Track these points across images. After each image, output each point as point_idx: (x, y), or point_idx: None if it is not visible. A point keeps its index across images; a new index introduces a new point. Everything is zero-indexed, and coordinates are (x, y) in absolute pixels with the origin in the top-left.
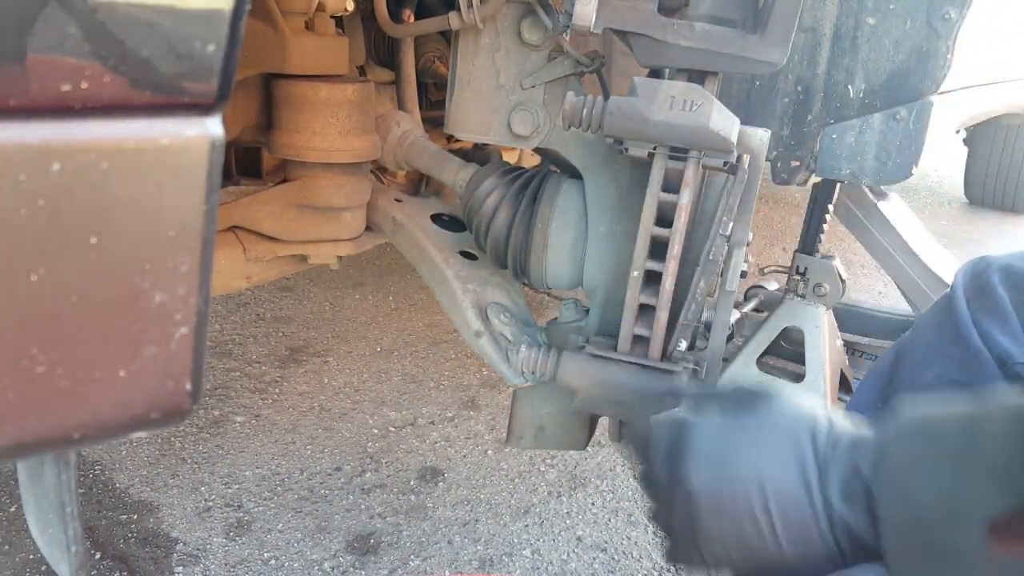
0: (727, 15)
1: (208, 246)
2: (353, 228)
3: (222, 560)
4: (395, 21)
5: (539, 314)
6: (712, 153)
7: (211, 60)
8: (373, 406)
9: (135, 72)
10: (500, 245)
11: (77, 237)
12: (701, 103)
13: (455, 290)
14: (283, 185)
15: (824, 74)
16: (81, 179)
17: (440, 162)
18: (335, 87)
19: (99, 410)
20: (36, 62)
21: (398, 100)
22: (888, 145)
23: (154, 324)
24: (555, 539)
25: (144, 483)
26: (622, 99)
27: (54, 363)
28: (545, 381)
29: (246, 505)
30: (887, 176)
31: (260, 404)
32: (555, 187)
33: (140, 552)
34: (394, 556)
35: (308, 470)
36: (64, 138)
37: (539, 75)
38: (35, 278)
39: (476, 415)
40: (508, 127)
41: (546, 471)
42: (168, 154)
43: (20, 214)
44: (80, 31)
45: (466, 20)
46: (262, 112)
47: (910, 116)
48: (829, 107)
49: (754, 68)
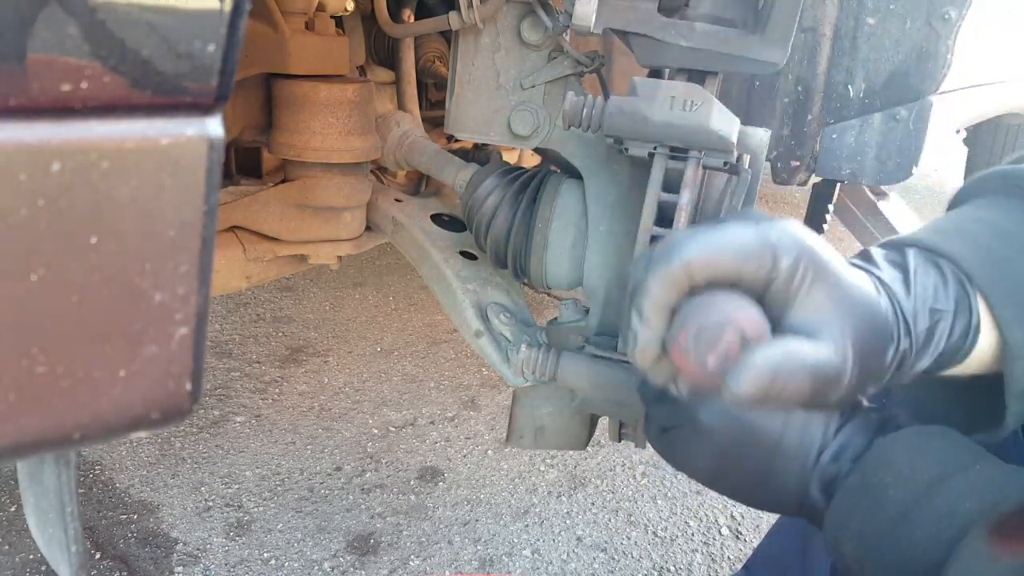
0: (727, 15)
1: (208, 246)
2: (353, 228)
3: (222, 560)
4: (395, 21)
5: (539, 314)
6: (712, 153)
7: (211, 60)
8: (373, 406)
9: (135, 72)
10: (500, 245)
11: (77, 237)
12: (701, 103)
13: (455, 290)
14: (283, 185)
15: (824, 74)
16: (81, 179)
17: (440, 162)
18: (335, 87)
19: (99, 410)
20: (36, 62)
21: (398, 100)
22: (888, 145)
23: (154, 324)
24: (555, 539)
25: (144, 483)
26: (622, 99)
27: (54, 363)
28: (545, 381)
29: (246, 505)
30: (887, 176)
31: (260, 404)
32: (555, 187)
33: (140, 552)
34: (394, 556)
35: (308, 470)
36: (64, 138)
37: (539, 75)
38: (35, 278)
39: (476, 415)
40: (508, 127)
41: (546, 471)
42: (168, 154)
43: (20, 214)
44: (80, 31)
45: (466, 20)
46: (262, 112)
47: (910, 116)
48: (829, 107)
49: (754, 68)
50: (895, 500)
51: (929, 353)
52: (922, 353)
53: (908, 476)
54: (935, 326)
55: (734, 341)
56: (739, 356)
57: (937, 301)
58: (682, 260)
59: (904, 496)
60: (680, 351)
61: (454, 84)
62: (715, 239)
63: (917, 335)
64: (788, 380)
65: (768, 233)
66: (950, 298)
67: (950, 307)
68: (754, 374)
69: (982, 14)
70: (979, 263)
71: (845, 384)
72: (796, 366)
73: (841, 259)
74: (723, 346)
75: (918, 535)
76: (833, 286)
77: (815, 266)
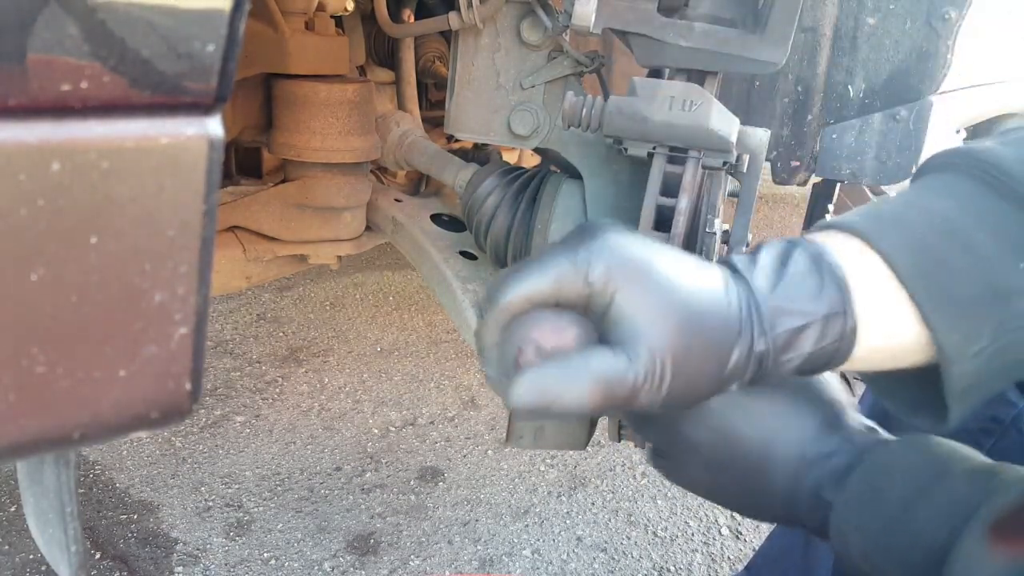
0: (727, 15)
1: (208, 246)
2: (353, 228)
3: (222, 560)
4: (395, 21)
5: None
6: (712, 153)
7: (211, 60)
8: (373, 406)
9: (135, 72)
10: (500, 245)
11: (77, 237)
12: (701, 103)
13: (455, 290)
14: (283, 185)
15: (824, 74)
16: (81, 179)
17: (440, 162)
18: (335, 87)
19: (99, 410)
20: (36, 62)
21: (398, 100)
22: (888, 145)
23: (154, 324)
24: (555, 539)
25: (144, 483)
26: (622, 99)
27: (54, 363)
28: None
29: (246, 505)
30: (887, 176)
31: (260, 404)
32: (555, 187)
33: (140, 552)
34: (394, 556)
35: (308, 470)
36: (64, 138)
37: (539, 75)
38: (35, 278)
39: (476, 415)
40: (508, 127)
41: (546, 471)
42: (168, 154)
43: (20, 214)
44: (80, 31)
45: (466, 20)
46: (262, 112)
47: (910, 116)
48: (829, 107)
49: (754, 68)
50: (897, 495)
51: (796, 355)
52: (785, 354)
53: (908, 474)
54: (802, 329)
55: (530, 355)
56: None
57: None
58: (499, 304)
59: (905, 491)
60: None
61: (454, 84)
62: (529, 273)
63: (775, 336)
64: (564, 390)
65: (577, 252)
66: (824, 300)
67: (821, 310)
68: (525, 386)
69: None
70: (912, 263)
71: (644, 389)
72: (574, 375)
73: (676, 261)
74: (519, 361)
75: (920, 523)
76: (646, 290)
77: (628, 273)
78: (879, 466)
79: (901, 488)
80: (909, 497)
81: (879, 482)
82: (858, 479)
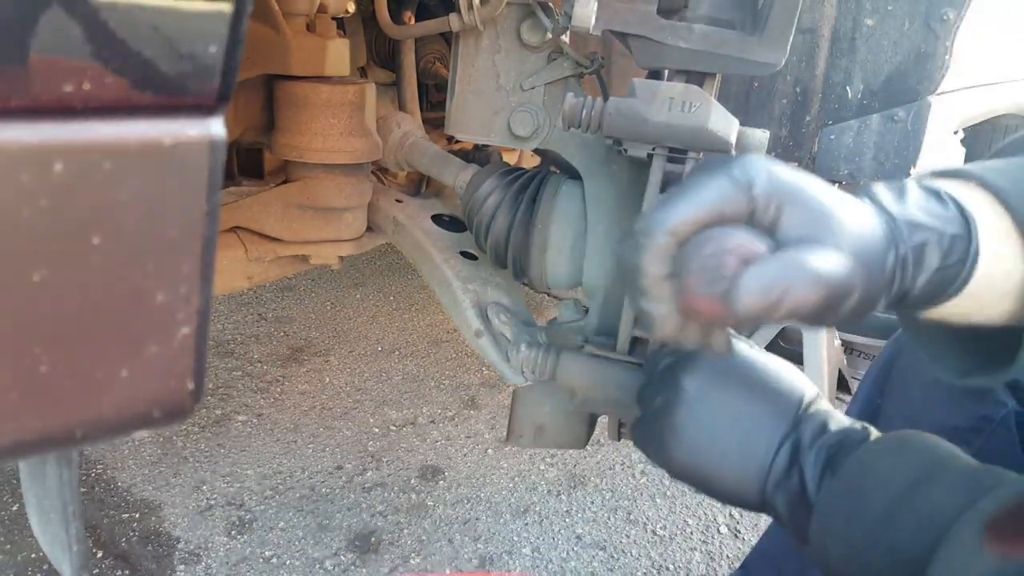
0: (726, 16)
1: (210, 246)
2: (354, 228)
3: (224, 558)
4: (396, 23)
5: (539, 314)
6: (711, 154)
7: (213, 61)
8: (374, 405)
9: (137, 73)
10: (500, 245)
11: (79, 237)
12: (700, 104)
13: (455, 290)
14: (284, 186)
15: (822, 75)
16: (83, 179)
17: (441, 163)
18: (336, 88)
19: (101, 409)
20: (39, 63)
21: (399, 101)
22: (886, 146)
23: (156, 324)
24: (555, 537)
25: (146, 482)
26: (621, 100)
27: (57, 363)
28: (545, 380)
29: (248, 504)
30: (885, 176)
31: (262, 403)
32: (555, 188)
33: (142, 551)
34: (395, 554)
35: (309, 469)
36: (66, 139)
37: (539, 76)
38: (38, 278)
39: (476, 414)
40: (508, 128)
41: (546, 470)
42: (170, 155)
43: (23, 214)
44: (82, 32)
45: (466, 22)
46: (264, 113)
47: (908, 117)
48: (827, 108)
49: (753, 69)
50: (878, 502)
51: (924, 271)
52: (917, 269)
53: (889, 479)
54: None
55: (735, 264)
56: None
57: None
58: (665, 231)
59: (886, 498)
60: (691, 297)
61: (454, 85)
62: (688, 198)
63: (913, 246)
64: (789, 288)
65: (732, 170)
66: (950, 221)
67: (948, 229)
68: (752, 285)
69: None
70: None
71: (857, 290)
72: (798, 273)
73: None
74: (727, 271)
75: (901, 535)
76: (813, 198)
77: (789, 184)
78: (859, 471)
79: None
80: (890, 505)
81: (859, 488)
82: (837, 486)
